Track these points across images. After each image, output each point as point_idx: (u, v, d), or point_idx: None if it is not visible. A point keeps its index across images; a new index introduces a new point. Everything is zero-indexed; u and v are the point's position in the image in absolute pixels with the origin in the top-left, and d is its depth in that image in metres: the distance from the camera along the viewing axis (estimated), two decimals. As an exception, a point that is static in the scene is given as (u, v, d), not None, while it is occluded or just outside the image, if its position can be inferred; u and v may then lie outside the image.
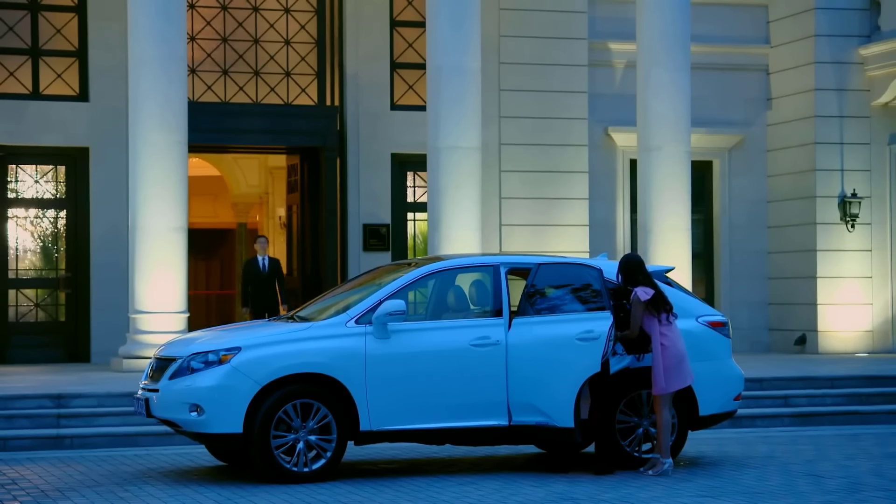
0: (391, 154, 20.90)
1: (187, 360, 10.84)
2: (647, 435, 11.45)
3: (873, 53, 21.62)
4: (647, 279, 11.24)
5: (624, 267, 11.39)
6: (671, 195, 19.20)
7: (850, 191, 21.75)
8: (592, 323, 11.20)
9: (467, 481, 10.83)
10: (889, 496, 9.98)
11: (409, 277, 11.30)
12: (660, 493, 10.18)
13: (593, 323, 11.20)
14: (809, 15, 21.85)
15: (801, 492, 10.21)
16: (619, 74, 21.85)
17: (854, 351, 21.71)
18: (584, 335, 11.17)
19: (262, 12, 20.87)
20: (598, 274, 11.43)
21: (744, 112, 22.62)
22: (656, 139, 19.24)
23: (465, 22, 18.03)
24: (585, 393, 11.18)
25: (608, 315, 11.20)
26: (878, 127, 21.98)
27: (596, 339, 11.11)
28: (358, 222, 20.78)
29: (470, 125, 18.08)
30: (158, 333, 16.92)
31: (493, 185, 20.87)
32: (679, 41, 19.23)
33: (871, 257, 21.87)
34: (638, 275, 11.27)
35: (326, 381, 10.86)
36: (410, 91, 21.07)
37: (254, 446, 10.68)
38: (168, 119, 17.30)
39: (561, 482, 10.73)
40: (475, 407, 11.07)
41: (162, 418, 11.02)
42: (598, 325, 11.16)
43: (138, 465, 12.02)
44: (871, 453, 12.53)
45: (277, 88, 20.86)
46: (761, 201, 22.68)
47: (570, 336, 11.16)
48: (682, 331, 11.40)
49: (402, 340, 11.00)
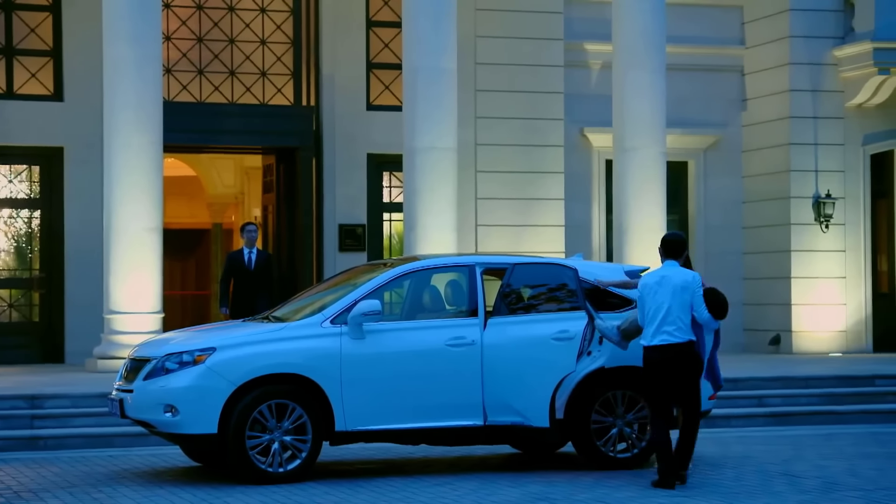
0: (367, 154, 20.88)
1: (162, 361, 10.82)
2: (622, 435, 11.46)
3: (847, 55, 21.71)
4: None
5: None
6: (647, 196, 19.24)
7: (824, 191, 21.84)
8: (568, 323, 11.23)
9: (443, 481, 10.83)
10: (864, 496, 10.03)
11: (384, 277, 11.30)
12: (635, 493, 10.19)
13: (569, 323, 11.22)
14: (784, 16, 21.93)
15: (776, 491, 10.24)
16: (595, 75, 21.89)
17: (828, 351, 21.80)
18: (559, 335, 11.19)
19: (237, 12, 20.82)
20: (573, 274, 11.45)
21: (719, 113, 22.68)
22: (632, 140, 19.28)
23: (442, 22, 18.03)
24: (563, 392, 11.17)
25: (583, 315, 11.23)
26: (852, 128, 22.07)
27: (572, 339, 11.13)
28: (334, 222, 20.75)
29: (446, 126, 18.09)
30: (133, 334, 16.86)
31: (469, 186, 20.87)
32: (655, 42, 19.27)
33: (845, 258, 21.97)
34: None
35: (302, 381, 10.84)
36: (387, 91, 21.05)
37: (229, 447, 10.65)
38: (143, 119, 17.24)
39: (537, 482, 10.74)
40: (451, 407, 11.08)
41: (136, 419, 10.99)
42: (574, 324, 11.19)
43: (113, 466, 11.97)
44: (847, 453, 12.59)
45: (253, 88, 20.81)
46: (736, 202, 22.75)
47: (546, 336, 11.18)
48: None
49: (378, 341, 11.00)
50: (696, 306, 10.32)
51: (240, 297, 16.73)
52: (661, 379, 10.37)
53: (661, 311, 10.29)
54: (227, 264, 17.24)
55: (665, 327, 10.29)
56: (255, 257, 16.84)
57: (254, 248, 16.89)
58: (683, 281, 10.31)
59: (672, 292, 10.29)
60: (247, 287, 16.73)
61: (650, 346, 10.38)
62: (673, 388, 10.37)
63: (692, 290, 10.32)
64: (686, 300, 10.29)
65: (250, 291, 16.71)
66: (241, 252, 17.00)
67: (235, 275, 16.86)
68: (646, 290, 10.42)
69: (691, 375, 10.38)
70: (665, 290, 10.31)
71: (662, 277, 10.38)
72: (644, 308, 10.46)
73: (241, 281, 16.79)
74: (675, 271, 10.40)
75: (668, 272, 10.41)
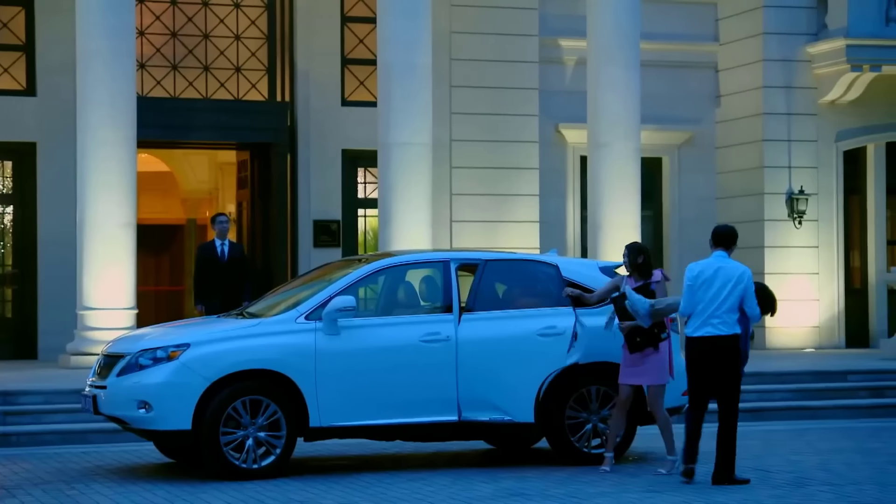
0: (342, 150, 20.86)
1: (136, 357, 10.79)
2: (596, 431, 11.50)
3: (820, 51, 21.81)
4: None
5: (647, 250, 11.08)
6: (621, 192, 19.28)
7: (797, 188, 21.93)
8: (554, 319, 11.28)
9: (418, 477, 10.84)
10: (835, 490, 10.08)
11: (359, 273, 11.30)
12: (608, 488, 10.22)
13: (555, 319, 11.27)
14: (758, 13, 22.01)
15: (749, 487, 10.28)
16: (569, 71, 21.92)
17: (801, 347, 21.90)
18: (546, 331, 11.24)
19: (211, 7, 20.76)
20: (554, 271, 11.50)
21: (693, 109, 22.75)
22: (607, 136, 19.32)
23: (416, 18, 18.02)
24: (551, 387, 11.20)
25: (569, 311, 11.27)
26: (825, 124, 22.17)
27: (561, 335, 11.19)
28: (308, 218, 20.72)
29: (421, 121, 18.08)
30: (107, 330, 16.79)
31: (444, 182, 20.87)
32: (629, 38, 19.31)
33: (817, 254, 22.07)
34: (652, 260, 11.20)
35: (276, 377, 10.83)
36: (361, 87, 21.03)
37: (203, 443, 10.63)
38: (117, 114, 17.18)
39: (511, 478, 10.76)
40: (425, 403, 11.08)
41: (110, 415, 10.96)
42: (562, 320, 11.25)
43: (86, 463, 11.93)
44: (819, 448, 12.65)
45: (228, 84, 20.76)
46: (710, 198, 22.82)
47: (531, 332, 11.22)
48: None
49: (352, 336, 10.99)
50: (748, 300, 10.23)
51: (214, 290, 15.99)
52: (701, 370, 10.26)
53: (713, 303, 10.19)
54: (198, 258, 16.33)
55: (712, 319, 10.18)
56: (227, 249, 16.14)
57: (226, 239, 16.18)
58: (738, 275, 10.23)
59: (726, 285, 10.20)
60: (221, 280, 16.03)
61: (694, 338, 10.26)
62: (712, 380, 10.25)
63: (745, 285, 10.24)
64: (738, 294, 10.21)
65: (225, 285, 16.01)
66: (213, 244, 16.25)
67: (208, 268, 16.07)
68: (698, 281, 10.27)
69: (732, 368, 10.24)
70: (719, 281, 10.21)
71: (718, 269, 10.26)
72: (694, 297, 10.29)
73: (215, 274, 16.04)
74: (730, 264, 10.31)
75: (723, 264, 10.30)
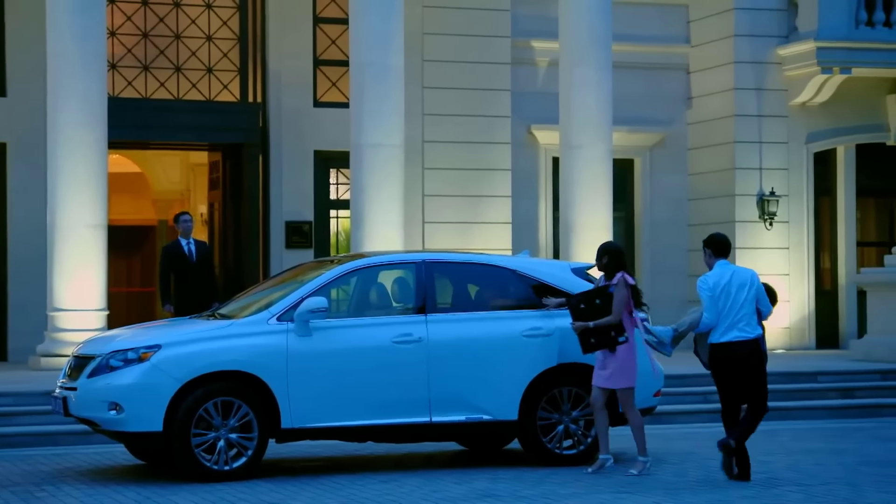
0: (314, 151, 20.83)
1: (106, 358, 10.75)
2: (568, 432, 11.52)
3: (791, 53, 21.91)
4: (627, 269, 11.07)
5: (614, 252, 10.96)
6: (593, 193, 19.32)
7: (768, 189, 22.03)
8: (539, 321, 11.32)
9: (389, 479, 10.84)
10: (804, 490, 10.13)
11: (331, 274, 11.29)
12: (580, 489, 10.25)
13: (540, 321, 11.32)
14: (729, 15, 22.10)
15: (719, 487, 10.32)
16: (542, 73, 21.96)
17: (772, 348, 21.97)
18: (531, 332, 11.28)
19: (183, 8, 20.70)
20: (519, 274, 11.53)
21: (665, 111, 22.83)
22: (579, 137, 19.35)
23: (389, 19, 18.01)
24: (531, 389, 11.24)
25: (550, 313, 11.30)
26: (795, 126, 22.28)
27: (548, 336, 11.22)
28: (280, 219, 20.69)
29: (393, 122, 18.07)
30: (77, 331, 16.73)
31: (417, 183, 20.88)
32: (601, 40, 19.35)
33: (788, 255, 22.17)
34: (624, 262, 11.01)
35: (248, 378, 10.81)
36: (334, 88, 21.01)
37: (174, 445, 10.60)
38: (88, 115, 17.11)
39: (482, 479, 10.77)
40: (397, 404, 11.09)
41: (80, 417, 10.91)
42: (545, 322, 11.31)
43: (56, 465, 11.88)
44: (789, 448, 12.71)
45: (199, 85, 20.70)
46: (682, 199, 22.90)
47: (514, 333, 11.25)
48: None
49: (325, 338, 10.98)
50: (762, 300, 10.58)
51: (184, 291, 15.63)
52: (731, 376, 10.49)
53: (734, 309, 10.48)
54: (164, 258, 15.88)
55: (739, 324, 10.47)
56: (195, 248, 15.74)
57: (191, 238, 15.79)
58: (750, 278, 10.57)
59: (742, 290, 10.52)
60: (191, 280, 15.65)
61: (721, 344, 10.49)
62: (743, 383, 10.47)
63: (757, 286, 10.58)
64: (754, 296, 10.54)
65: (194, 284, 15.64)
66: (178, 244, 15.81)
67: (176, 268, 15.69)
68: (717, 290, 10.54)
69: (760, 369, 10.50)
70: (735, 288, 10.52)
71: (732, 277, 10.55)
72: (715, 307, 10.51)
73: (184, 274, 15.64)
74: (738, 269, 10.65)
75: (733, 269, 10.63)
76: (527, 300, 11.53)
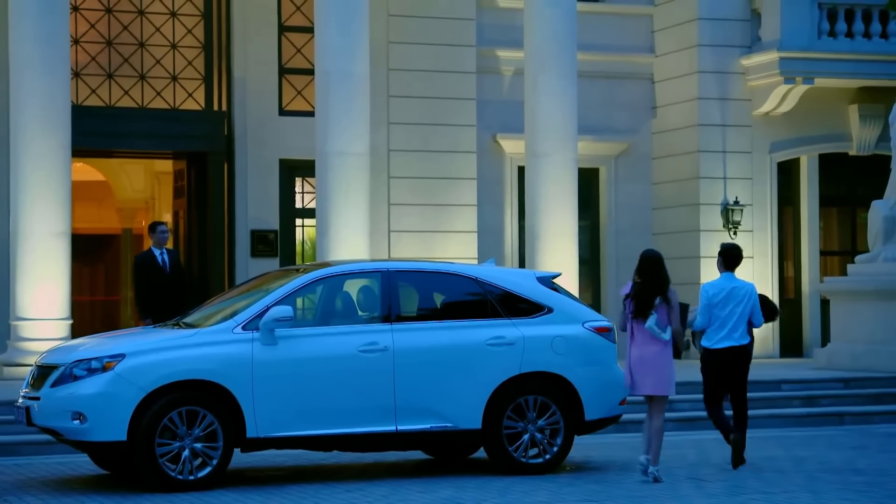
0: (279, 159, 20.80)
1: (70, 368, 10.69)
2: (534, 440, 11.54)
3: (755, 64, 22.05)
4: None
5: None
6: (558, 202, 19.37)
7: (732, 198, 22.15)
8: (501, 329, 11.34)
9: (355, 488, 10.83)
10: (768, 498, 10.19)
11: (296, 283, 11.27)
12: (545, 497, 10.26)
13: (502, 329, 11.33)
14: (693, 25, 22.23)
15: (683, 495, 10.37)
16: (507, 82, 22.01)
17: (736, 356, 22.07)
18: (495, 341, 11.30)
19: (147, 16, 20.64)
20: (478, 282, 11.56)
21: (630, 120, 22.92)
22: (544, 146, 19.41)
23: (354, 27, 18.02)
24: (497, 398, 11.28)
25: (514, 322, 11.32)
26: (759, 136, 22.42)
27: (512, 345, 11.25)
28: (246, 228, 20.64)
29: (358, 131, 18.08)
30: (40, 340, 16.62)
31: (382, 192, 20.88)
32: (566, 48, 19.42)
33: (752, 264, 22.28)
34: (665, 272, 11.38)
35: (213, 387, 10.77)
36: (299, 97, 20.99)
37: (138, 454, 10.55)
38: (51, 122, 17.02)
39: (448, 487, 10.77)
40: (363, 413, 11.08)
41: (43, 426, 10.84)
42: (509, 331, 11.33)
43: (18, 475, 11.80)
44: (751, 457, 12.76)
45: (164, 93, 20.63)
46: (647, 208, 23.00)
47: (478, 341, 11.27)
48: (569, 336, 11.56)
49: (290, 347, 10.96)
50: (755, 313, 11.93)
51: (159, 301, 15.27)
52: (719, 376, 11.94)
53: (730, 319, 11.80)
54: (138, 270, 15.64)
55: (733, 333, 11.84)
56: (168, 258, 15.56)
57: (163, 248, 15.59)
58: (747, 293, 11.85)
59: (739, 303, 11.81)
60: (165, 291, 15.40)
61: (714, 349, 11.87)
62: (729, 382, 12.00)
63: (753, 300, 11.87)
64: (748, 309, 11.86)
65: (169, 295, 15.38)
66: (152, 254, 15.59)
67: (151, 279, 15.44)
68: (715, 300, 11.79)
69: (745, 371, 12.06)
70: (734, 300, 11.81)
71: (732, 289, 11.80)
72: (712, 315, 11.79)
73: (159, 285, 15.42)
74: (739, 283, 11.85)
75: (735, 283, 11.84)
76: (492, 309, 11.56)
